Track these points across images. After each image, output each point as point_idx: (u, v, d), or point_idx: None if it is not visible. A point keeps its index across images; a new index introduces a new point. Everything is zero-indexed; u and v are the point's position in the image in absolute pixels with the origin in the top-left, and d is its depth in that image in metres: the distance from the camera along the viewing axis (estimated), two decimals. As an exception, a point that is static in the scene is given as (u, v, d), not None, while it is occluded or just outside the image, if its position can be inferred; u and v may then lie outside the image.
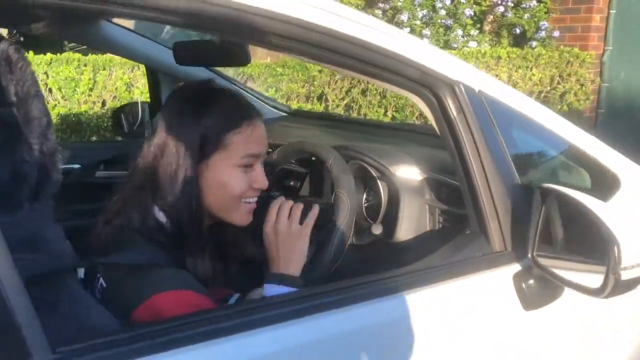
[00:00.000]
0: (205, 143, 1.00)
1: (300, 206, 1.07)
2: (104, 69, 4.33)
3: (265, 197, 1.13)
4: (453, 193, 1.32)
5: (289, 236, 1.03)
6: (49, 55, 4.03)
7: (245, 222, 1.08)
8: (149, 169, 0.99)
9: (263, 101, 2.32)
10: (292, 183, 1.54)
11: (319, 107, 4.87)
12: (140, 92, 4.37)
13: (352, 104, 4.92)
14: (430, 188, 1.37)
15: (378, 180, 1.41)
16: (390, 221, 1.34)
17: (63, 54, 4.13)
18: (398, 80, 1.10)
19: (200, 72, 2.04)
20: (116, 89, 4.25)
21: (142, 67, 3.14)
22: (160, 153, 0.99)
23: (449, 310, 1.05)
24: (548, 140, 1.30)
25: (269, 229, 1.04)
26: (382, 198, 1.40)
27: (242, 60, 1.59)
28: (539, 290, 1.10)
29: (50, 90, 4.28)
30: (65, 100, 4.24)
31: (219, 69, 2.29)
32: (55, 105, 4.18)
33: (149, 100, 2.34)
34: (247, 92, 2.26)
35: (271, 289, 0.99)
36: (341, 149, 1.46)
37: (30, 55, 4.38)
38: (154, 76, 2.19)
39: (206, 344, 0.76)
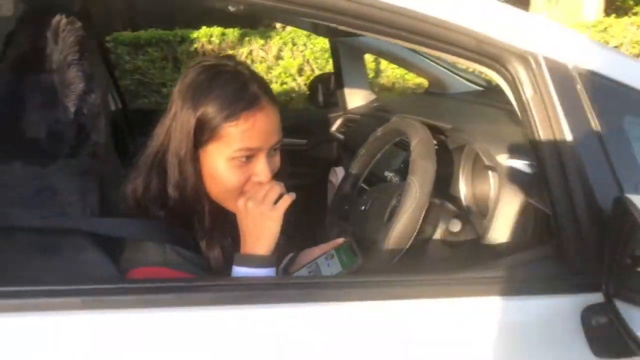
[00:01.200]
0: (200, 131, 0.95)
1: (276, 189, 0.98)
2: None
3: None
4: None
5: (258, 214, 0.95)
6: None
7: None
8: (158, 145, 1.00)
9: (453, 72, 2.15)
10: (401, 165, 1.41)
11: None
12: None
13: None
14: (539, 186, 1.11)
15: (489, 171, 1.20)
16: (482, 218, 1.14)
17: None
18: (457, 52, 0.91)
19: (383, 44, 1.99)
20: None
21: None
22: (166, 131, 0.99)
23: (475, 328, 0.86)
24: None
25: (240, 202, 0.97)
26: (491, 192, 1.19)
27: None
28: (614, 333, 0.82)
29: (307, 61, 4.65)
30: (320, 71, 4.56)
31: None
32: (310, 75, 4.51)
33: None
34: (432, 61, 2.11)
35: (239, 271, 0.94)
36: (455, 131, 1.28)
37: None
38: (334, 45, 2.21)
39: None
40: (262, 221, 0.96)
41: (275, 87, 4.56)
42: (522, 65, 0.89)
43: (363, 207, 1.29)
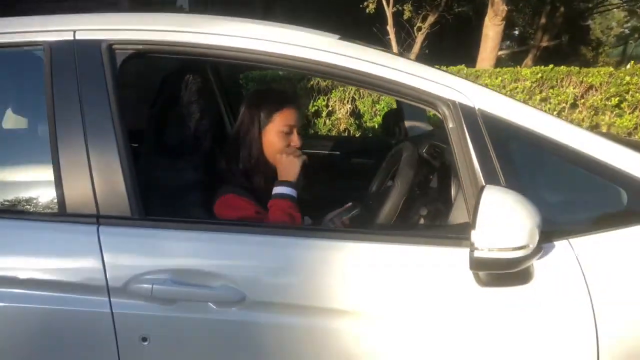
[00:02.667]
0: (259, 120, 1.80)
1: (298, 151, 1.79)
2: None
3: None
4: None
5: (288, 161, 1.78)
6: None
7: (293, 162, 1.82)
8: (235, 136, 1.79)
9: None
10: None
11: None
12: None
13: None
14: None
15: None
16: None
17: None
18: (409, 99, 1.52)
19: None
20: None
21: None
22: (238, 127, 1.82)
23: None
24: (567, 156, 1.45)
25: (280, 156, 1.80)
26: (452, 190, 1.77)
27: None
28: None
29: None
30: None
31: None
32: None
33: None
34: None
35: (277, 189, 1.75)
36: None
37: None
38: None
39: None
40: (289, 164, 1.76)
41: (378, 119, 5.21)
42: (446, 108, 1.47)
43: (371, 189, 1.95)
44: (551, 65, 5.16)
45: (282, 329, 1.41)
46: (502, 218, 1.24)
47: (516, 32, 16.01)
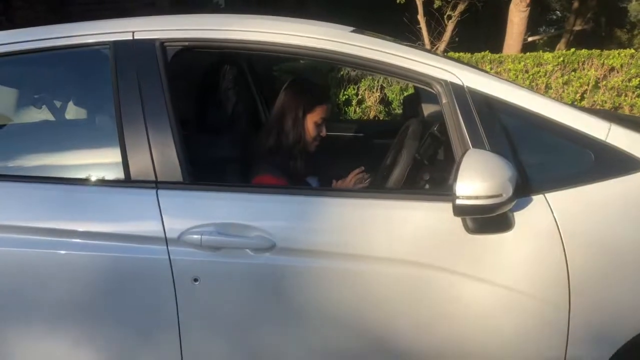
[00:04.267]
0: (303, 108, 2.10)
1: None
2: (476, 65, 5.31)
3: None
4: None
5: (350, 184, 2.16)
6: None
7: (313, 151, 2.18)
8: (277, 117, 2.11)
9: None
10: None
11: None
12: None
13: None
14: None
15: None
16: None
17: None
18: (408, 80, 1.81)
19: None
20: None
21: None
22: (281, 111, 2.10)
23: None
24: (543, 124, 1.72)
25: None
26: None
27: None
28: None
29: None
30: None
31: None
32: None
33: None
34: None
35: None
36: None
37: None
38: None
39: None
40: (348, 184, 2.18)
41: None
42: (439, 86, 1.76)
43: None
44: (573, 49, 5.32)
45: (307, 270, 1.73)
46: (479, 172, 1.53)
47: (554, 16, 15.93)
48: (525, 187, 1.67)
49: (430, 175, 2.00)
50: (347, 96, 5.88)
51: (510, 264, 1.67)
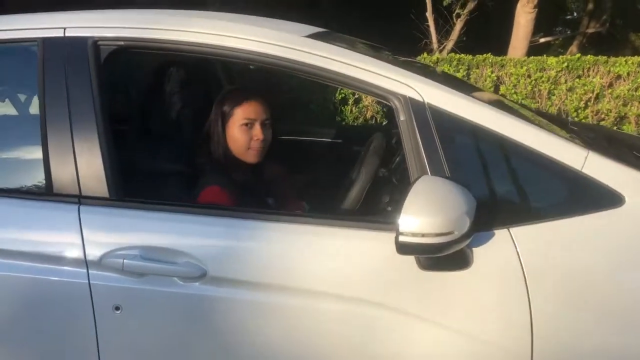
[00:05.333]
0: (224, 114, 1.87)
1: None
2: (477, 68, 5.10)
3: None
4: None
5: None
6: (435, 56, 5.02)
7: (255, 161, 1.91)
8: (205, 133, 1.90)
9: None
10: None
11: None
12: (506, 89, 4.95)
13: None
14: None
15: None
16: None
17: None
18: (365, 92, 1.62)
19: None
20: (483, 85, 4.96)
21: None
22: (209, 122, 1.89)
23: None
24: (511, 148, 1.52)
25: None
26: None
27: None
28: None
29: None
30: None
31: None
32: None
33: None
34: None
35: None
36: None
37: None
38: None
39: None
40: None
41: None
42: (397, 101, 1.56)
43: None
44: (578, 55, 5.08)
45: (239, 303, 1.55)
46: (429, 205, 1.34)
47: (569, 17, 15.56)
48: (487, 220, 1.47)
49: (390, 197, 1.81)
50: (343, 95, 5.67)
51: (464, 305, 1.47)
